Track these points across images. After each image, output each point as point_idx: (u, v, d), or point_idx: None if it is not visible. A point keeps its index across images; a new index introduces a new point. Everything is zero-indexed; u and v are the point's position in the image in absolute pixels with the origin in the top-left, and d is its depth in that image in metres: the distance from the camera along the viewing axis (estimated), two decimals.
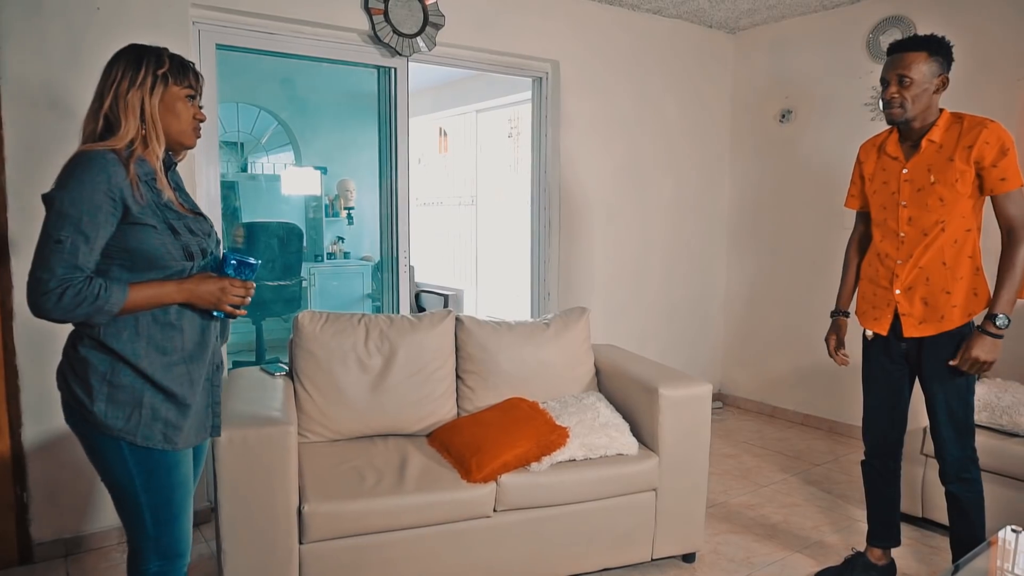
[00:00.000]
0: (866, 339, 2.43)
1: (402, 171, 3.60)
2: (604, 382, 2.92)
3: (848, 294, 2.53)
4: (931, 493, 2.87)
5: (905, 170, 2.24)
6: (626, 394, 2.74)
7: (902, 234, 2.25)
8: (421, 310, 5.55)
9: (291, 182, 6.53)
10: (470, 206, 6.67)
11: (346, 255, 6.62)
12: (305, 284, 5.91)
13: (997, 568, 1.84)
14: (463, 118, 6.62)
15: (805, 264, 4.39)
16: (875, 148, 2.38)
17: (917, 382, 2.36)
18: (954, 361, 2.18)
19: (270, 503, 2.07)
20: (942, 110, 2.21)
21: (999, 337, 2.13)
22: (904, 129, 2.24)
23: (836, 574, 2.55)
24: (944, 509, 2.40)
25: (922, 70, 2.13)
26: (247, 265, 1.64)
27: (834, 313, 2.55)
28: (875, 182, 2.35)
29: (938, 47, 2.15)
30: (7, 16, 2.50)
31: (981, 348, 2.13)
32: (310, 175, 6.48)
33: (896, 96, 2.16)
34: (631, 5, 4.11)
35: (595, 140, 4.15)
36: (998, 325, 2.11)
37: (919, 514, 2.94)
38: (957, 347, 2.19)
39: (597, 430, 2.50)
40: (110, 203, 1.48)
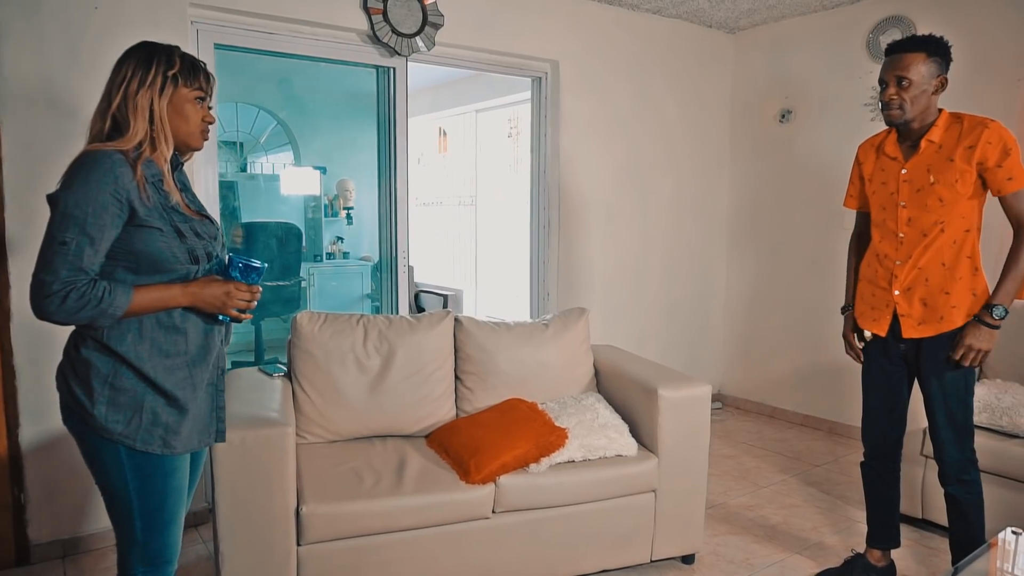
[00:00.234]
0: (865, 340, 2.42)
1: (401, 171, 3.59)
2: (603, 383, 2.91)
3: (855, 287, 2.50)
4: (931, 494, 2.86)
5: (904, 171, 2.23)
6: (625, 395, 2.73)
7: (901, 235, 2.24)
8: (420, 310, 5.54)
9: (290, 182, 6.52)
10: (470, 206, 6.67)
11: (345, 255, 6.61)
12: (304, 284, 5.90)
13: (997, 570, 1.83)
14: (463, 118, 6.62)
15: (805, 264, 4.38)
16: (873, 148, 2.36)
17: (916, 383, 2.36)
18: (953, 353, 2.17)
19: (268, 504, 2.06)
20: (941, 110, 2.20)
21: (995, 328, 2.13)
22: (903, 129, 2.23)
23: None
24: (944, 510, 2.39)
25: (921, 71, 2.12)
26: (253, 269, 1.62)
27: (844, 308, 2.52)
28: (874, 183, 2.34)
29: (936, 47, 2.13)
30: (5, 15, 2.49)
31: (975, 336, 2.13)
32: (309, 175, 6.47)
33: (895, 98, 2.15)
34: (631, 5, 4.10)
35: (595, 140, 4.15)
36: (995, 316, 2.11)
37: (919, 515, 2.94)
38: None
39: (596, 431, 2.49)
40: (116, 205, 1.46)
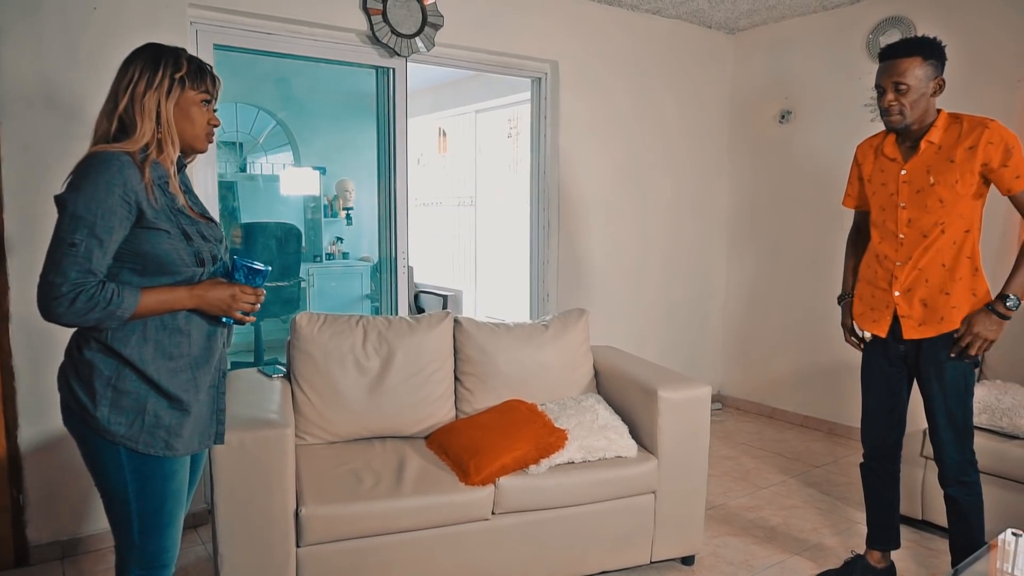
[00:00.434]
0: (864, 341, 2.42)
1: (401, 171, 3.59)
2: (603, 384, 2.91)
3: (852, 278, 2.50)
4: (931, 495, 2.86)
5: (904, 171, 2.22)
6: (625, 396, 2.73)
7: (901, 235, 2.24)
8: (420, 311, 5.55)
9: (290, 182, 6.51)
10: (469, 206, 6.67)
11: (345, 256, 6.60)
12: (304, 285, 5.90)
13: (997, 571, 1.83)
14: (462, 118, 6.61)
15: (804, 264, 4.38)
16: (872, 149, 2.36)
17: (916, 384, 2.35)
18: (959, 340, 2.15)
19: (267, 506, 2.06)
20: (939, 111, 2.19)
21: (1006, 318, 2.11)
22: (902, 131, 2.23)
23: None
24: (944, 512, 2.39)
25: (918, 75, 2.10)
26: (257, 272, 1.63)
27: (841, 297, 2.52)
28: (873, 183, 2.33)
29: (932, 50, 2.11)
30: (4, 15, 2.49)
31: (984, 325, 2.11)
32: (309, 175, 6.46)
33: (894, 104, 2.13)
34: (630, 5, 4.10)
35: (594, 140, 4.14)
36: (1008, 306, 2.10)
37: (919, 516, 2.93)
38: None
39: (596, 432, 2.49)
40: (125, 206, 1.46)
